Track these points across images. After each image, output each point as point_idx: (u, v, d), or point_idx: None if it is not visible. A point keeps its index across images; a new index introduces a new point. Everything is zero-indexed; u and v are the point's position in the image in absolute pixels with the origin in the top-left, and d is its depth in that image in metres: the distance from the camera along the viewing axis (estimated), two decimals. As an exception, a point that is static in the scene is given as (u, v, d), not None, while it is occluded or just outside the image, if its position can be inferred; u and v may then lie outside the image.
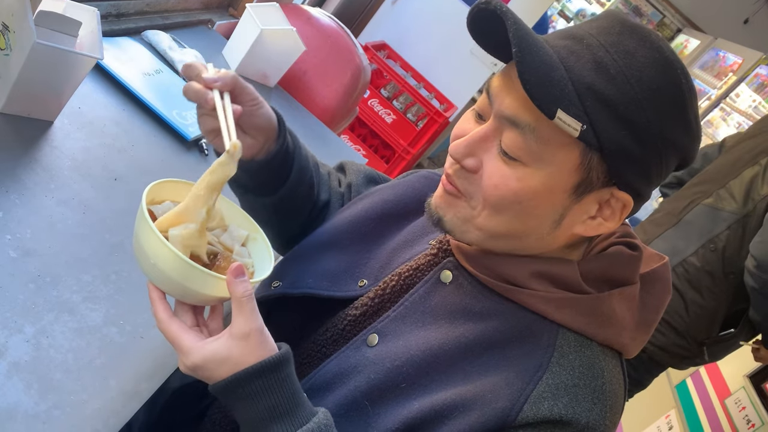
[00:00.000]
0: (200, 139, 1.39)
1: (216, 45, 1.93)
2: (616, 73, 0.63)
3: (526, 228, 0.71)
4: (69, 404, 0.76)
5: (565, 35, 0.68)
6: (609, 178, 0.67)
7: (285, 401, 0.65)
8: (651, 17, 5.80)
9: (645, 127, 0.64)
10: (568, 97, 0.62)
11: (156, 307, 0.69)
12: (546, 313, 0.71)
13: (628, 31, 0.66)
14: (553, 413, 0.66)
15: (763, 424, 2.06)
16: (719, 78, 4.28)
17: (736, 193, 1.89)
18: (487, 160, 0.69)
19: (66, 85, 1.04)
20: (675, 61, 0.65)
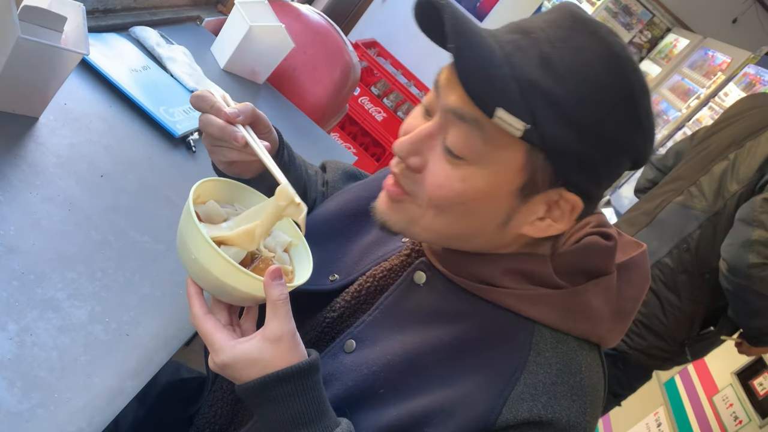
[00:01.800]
0: (187, 136, 1.38)
1: (204, 42, 1.92)
2: (563, 70, 0.61)
3: (472, 229, 0.70)
4: (53, 402, 0.75)
5: (514, 29, 0.65)
6: (556, 179, 0.65)
7: (311, 408, 0.65)
8: (641, 16, 5.82)
9: (592, 127, 0.62)
10: (510, 95, 0.59)
11: (192, 302, 0.70)
12: (520, 310, 0.70)
13: (579, 25, 0.63)
14: (532, 414, 0.65)
15: (750, 420, 2.07)
16: (708, 77, 4.30)
17: (706, 190, 1.85)
18: (431, 158, 0.68)
19: (51, 81, 1.03)
20: (625, 58, 0.62)
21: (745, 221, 1.67)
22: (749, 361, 2.24)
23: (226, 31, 1.86)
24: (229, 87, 1.75)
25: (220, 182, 0.79)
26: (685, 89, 4.60)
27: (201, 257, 0.67)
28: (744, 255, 1.62)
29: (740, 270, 1.63)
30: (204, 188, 0.75)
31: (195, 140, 1.38)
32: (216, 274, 0.67)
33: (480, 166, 0.65)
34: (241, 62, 1.87)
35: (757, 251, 1.61)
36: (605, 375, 0.76)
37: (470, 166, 0.65)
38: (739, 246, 1.64)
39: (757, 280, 1.61)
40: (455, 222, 0.69)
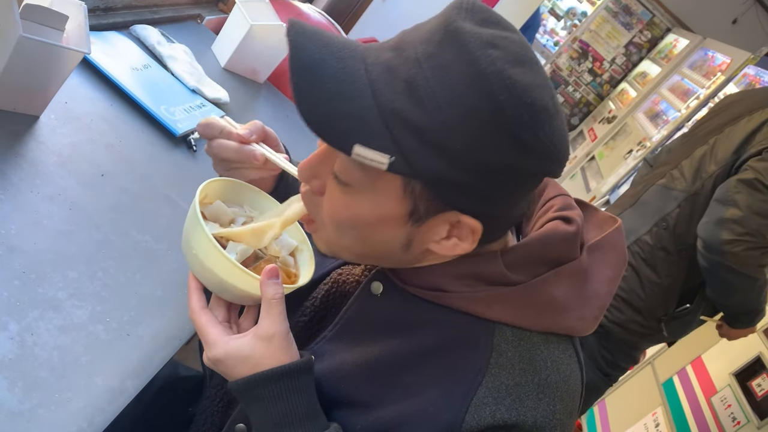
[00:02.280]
0: (188, 135, 1.38)
1: (205, 40, 1.92)
2: (425, 94, 0.56)
3: (377, 251, 0.68)
4: (54, 402, 0.75)
5: (394, 44, 0.61)
6: (443, 205, 0.61)
7: (298, 409, 0.65)
8: (641, 16, 5.83)
9: (463, 153, 0.56)
10: (369, 128, 0.56)
11: (191, 296, 0.70)
12: (478, 312, 0.68)
13: (449, 39, 0.57)
14: (495, 419, 0.63)
15: (748, 421, 2.08)
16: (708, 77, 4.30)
17: (686, 172, 1.93)
18: (327, 182, 0.67)
19: (52, 80, 1.03)
20: (493, 74, 0.55)
21: (720, 201, 1.74)
22: (748, 361, 2.25)
23: (227, 29, 1.86)
24: (230, 86, 1.75)
25: (229, 182, 0.80)
26: (685, 89, 4.60)
27: (202, 253, 0.68)
28: (717, 232, 1.69)
29: (714, 246, 1.70)
30: (211, 188, 0.76)
31: (196, 139, 1.38)
32: (215, 270, 0.68)
33: (364, 194, 0.63)
34: (242, 61, 1.87)
35: (729, 228, 1.68)
36: (581, 366, 0.73)
37: (356, 193, 0.63)
38: (714, 224, 1.72)
39: (729, 256, 1.68)
40: (357, 244, 0.68)
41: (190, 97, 1.53)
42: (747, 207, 1.68)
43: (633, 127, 4.96)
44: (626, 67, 6.02)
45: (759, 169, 1.71)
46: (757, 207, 1.67)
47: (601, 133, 5.46)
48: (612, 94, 6.03)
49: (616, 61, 6.03)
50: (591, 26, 6.13)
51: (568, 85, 6.31)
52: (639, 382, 2.76)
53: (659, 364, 2.72)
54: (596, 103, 6.24)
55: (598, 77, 6.15)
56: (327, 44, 0.60)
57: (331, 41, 0.61)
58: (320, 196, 0.68)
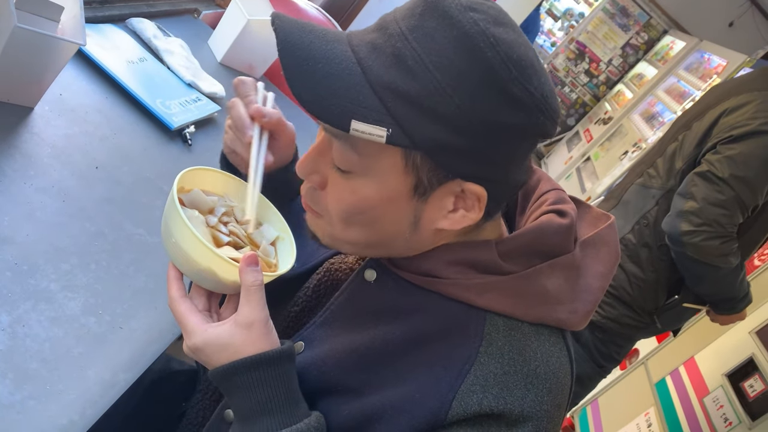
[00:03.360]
0: (183, 128, 1.37)
1: (202, 34, 1.91)
2: (414, 63, 0.57)
3: (384, 235, 0.68)
4: (45, 394, 0.74)
5: (375, 26, 0.63)
6: (445, 174, 0.62)
7: (279, 397, 0.65)
8: (638, 18, 5.84)
9: (458, 115, 0.58)
10: (363, 104, 0.57)
11: (170, 285, 0.70)
12: (470, 300, 0.68)
13: (430, 9, 0.59)
14: (482, 407, 0.63)
15: (740, 422, 2.08)
16: (704, 80, 4.32)
17: (661, 169, 1.99)
18: (328, 174, 0.67)
19: (47, 71, 1.03)
20: (477, 34, 0.57)
21: (680, 194, 1.82)
22: (740, 362, 2.25)
23: (224, 24, 1.85)
24: (226, 81, 1.74)
25: (208, 171, 0.78)
26: (681, 91, 4.62)
27: (181, 241, 0.67)
28: (677, 224, 1.77)
29: (675, 238, 1.77)
30: (190, 176, 0.75)
31: (191, 133, 1.38)
32: (194, 257, 0.67)
33: (367, 176, 0.64)
34: (238, 56, 1.86)
35: (688, 220, 1.74)
36: (571, 360, 0.73)
37: (358, 177, 0.64)
38: (674, 216, 1.79)
39: (690, 247, 1.74)
40: (364, 231, 0.68)
41: (186, 91, 1.52)
42: (702, 199, 1.74)
43: (629, 128, 4.97)
44: (623, 69, 6.03)
45: (712, 162, 1.77)
46: (712, 198, 1.73)
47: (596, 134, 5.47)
48: (608, 96, 6.04)
49: (612, 63, 6.05)
50: (588, 27, 6.14)
51: (565, 85, 6.32)
52: (632, 382, 2.76)
53: (652, 364, 2.72)
54: (592, 104, 6.25)
55: (595, 78, 6.17)
56: (311, 30, 0.62)
57: (314, 28, 0.62)
58: (322, 191, 0.69)
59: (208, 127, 1.50)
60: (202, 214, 0.74)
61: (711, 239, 1.73)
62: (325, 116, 0.58)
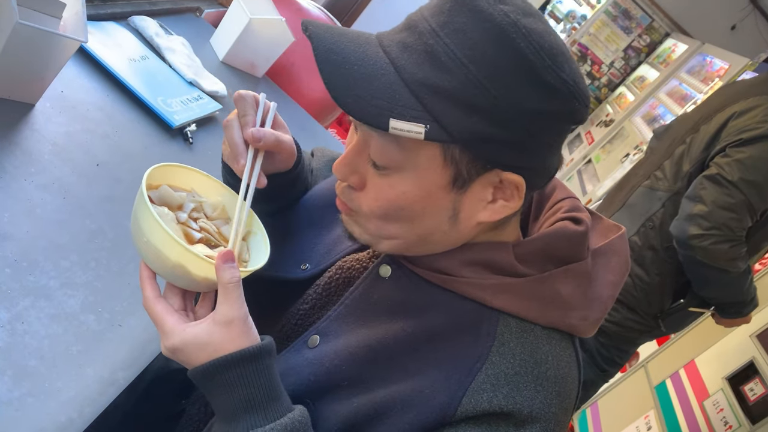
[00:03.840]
0: (185, 127, 1.37)
1: (204, 33, 1.91)
2: (447, 59, 0.59)
3: (424, 230, 0.69)
4: (43, 392, 0.74)
5: (403, 26, 0.64)
6: (484, 165, 0.63)
7: (261, 393, 0.64)
8: (640, 20, 5.83)
9: (494, 106, 0.59)
10: (400, 102, 0.59)
11: (144, 285, 0.68)
12: (484, 300, 0.69)
13: (459, 5, 0.60)
14: (492, 405, 0.63)
15: (740, 426, 2.08)
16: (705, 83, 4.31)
17: (668, 172, 1.99)
18: (366, 174, 0.68)
19: (48, 68, 1.02)
20: (508, 25, 0.58)
21: (689, 197, 1.81)
22: (740, 366, 2.25)
23: (226, 23, 1.85)
24: (228, 80, 1.74)
25: (176, 167, 0.77)
26: (683, 94, 4.61)
27: (153, 239, 0.66)
28: (686, 228, 1.75)
29: (683, 242, 1.76)
30: (159, 172, 0.74)
31: (192, 131, 1.38)
32: (168, 256, 0.66)
33: (405, 171, 0.65)
34: (240, 55, 1.86)
35: (697, 223, 1.73)
36: (579, 366, 0.74)
37: (396, 173, 0.65)
38: (683, 220, 1.78)
39: (698, 251, 1.73)
40: (405, 228, 0.69)
41: (188, 89, 1.52)
42: (712, 202, 1.73)
43: (630, 130, 4.96)
44: (625, 71, 6.02)
45: (722, 165, 1.76)
46: (722, 201, 1.72)
47: (598, 136, 5.46)
48: (610, 98, 6.04)
49: (614, 65, 6.04)
50: (590, 30, 6.14)
51: (567, 87, 6.30)
52: (632, 385, 2.76)
53: (652, 367, 2.72)
54: (594, 107, 6.25)
55: (597, 80, 6.16)
56: (342, 33, 0.63)
57: (345, 32, 0.64)
58: (359, 191, 0.70)
59: (210, 125, 1.50)
60: (171, 211, 0.73)
61: (720, 243, 1.72)
62: (364, 117, 0.59)
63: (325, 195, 0.93)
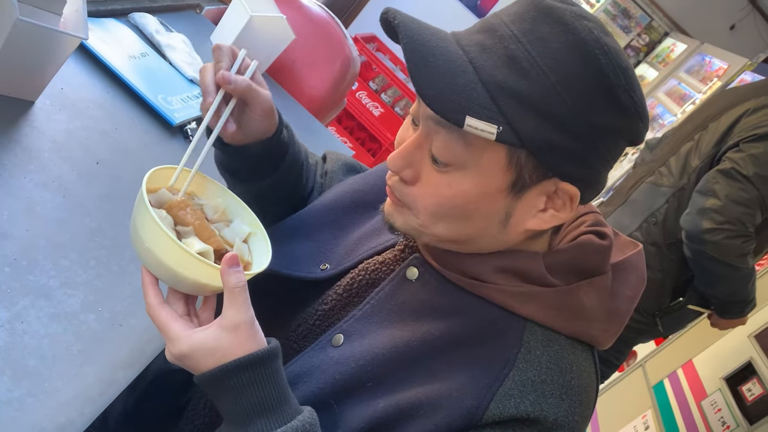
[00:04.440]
0: (185, 124, 1.36)
1: (204, 30, 1.90)
2: (528, 65, 0.60)
3: (474, 230, 0.69)
4: (43, 392, 0.74)
5: (481, 28, 0.65)
6: (545, 173, 0.65)
7: (271, 397, 0.64)
8: (639, 20, 5.83)
9: (568, 117, 0.61)
10: (477, 101, 0.59)
11: (147, 291, 0.68)
12: (512, 307, 0.70)
13: (543, 14, 0.62)
14: (519, 411, 0.64)
15: (738, 426, 2.08)
16: (704, 83, 4.31)
17: (674, 168, 1.99)
18: (422, 169, 0.68)
19: (48, 65, 1.02)
20: (592, 41, 0.60)
21: (701, 192, 1.80)
22: (738, 366, 2.25)
23: (226, 20, 1.84)
24: (228, 77, 1.73)
25: (173, 170, 0.76)
26: (681, 94, 4.61)
27: (155, 246, 0.65)
28: (698, 222, 1.75)
29: (695, 236, 1.75)
30: (157, 176, 0.73)
31: (192, 129, 1.37)
32: (171, 263, 0.65)
33: (466, 170, 0.65)
34: (240, 52, 1.85)
35: (710, 218, 1.73)
36: (597, 377, 0.75)
37: (457, 171, 0.65)
38: (695, 214, 1.77)
39: (710, 245, 1.73)
40: (455, 226, 0.69)
41: (188, 86, 1.51)
42: (725, 196, 1.73)
43: (629, 130, 4.96)
44: (623, 70, 6.02)
45: (736, 160, 1.76)
46: (735, 196, 1.72)
47: (597, 135, 5.46)
48: (609, 97, 6.04)
49: (613, 64, 6.04)
50: (589, 28, 6.13)
51: (565, 86, 6.31)
52: (630, 384, 2.76)
53: (650, 367, 2.72)
54: (593, 106, 6.24)
55: (596, 79, 6.16)
56: (426, 27, 0.64)
57: (426, 25, 0.64)
58: (411, 186, 0.69)
59: (210, 123, 1.49)
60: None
61: (733, 238, 1.71)
62: (444, 111, 0.59)
63: (341, 198, 0.92)
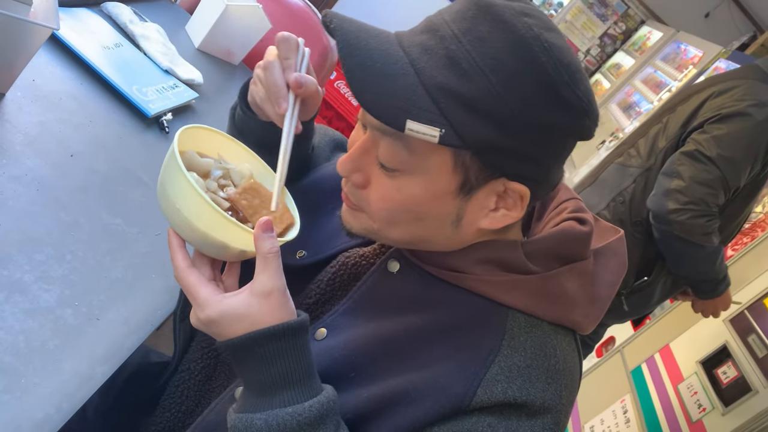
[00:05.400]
0: (161, 116, 1.35)
1: (179, 20, 1.88)
2: (468, 66, 0.59)
3: (427, 232, 0.70)
4: (19, 388, 0.73)
5: (425, 27, 0.64)
6: (492, 173, 0.64)
7: (299, 368, 0.64)
8: (616, 8, 5.87)
9: (510, 117, 0.60)
10: (418, 104, 0.59)
11: (175, 254, 0.67)
12: (494, 296, 0.70)
13: (483, 13, 0.61)
14: (507, 396, 0.65)
15: (713, 408, 2.12)
16: (680, 70, 4.35)
17: (642, 149, 2.02)
18: (371, 173, 0.68)
19: (19, 56, 1.00)
20: (532, 39, 0.59)
21: (666, 173, 1.83)
22: (714, 350, 2.29)
23: (202, 9, 1.82)
24: (204, 67, 1.71)
25: (202, 130, 0.73)
26: (657, 81, 4.65)
27: (187, 207, 0.63)
28: (664, 202, 1.78)
29: (662, 216, 1.78)
30: (187, 135, 0.70)
31: (168, 121, 1.35)
32: (202, 225, 0.63)
33: (414, 174, 0.65)
34: (217, 42, 1.83)
35: (675, 198, 1.76)
36: (581, 361, 0.76)
37: (405, 175, 0.65)
38: (661, 195, 1.80)
39: (676, 225, 1.76)
40: (409, 229, 0.70)
41: (163, 77, 1.49)
42: (690, 177, 1.75)
43: (606, 117, 5.00)
44: (601, 59, 6.06)
45: (700, 141, 1.79)
46: (699, 177, 1.75)
47: (574, 123, 5.50)
48: (586, 85, 6.07)
49: (590, 52, 6.07)
50: (567, 17, 6.16)
51: (543, 75, 6.32)
52: (608, 369, 2.80)
53: (628, 352, 2.76)
54: (570, 94, 6.27)
55: (573, 68, 6.19)
56: (365, 29, 0.63)
57: (366, 27, 0.63)
58: (363, 190, 0.69)
59: (186, 114, 1.48)
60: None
61: (697, 217, 1.74)
62: (382, 116, 0.59)
63: (326, 180, 0.91)
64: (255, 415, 0.62)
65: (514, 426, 0.65)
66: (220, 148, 0.76)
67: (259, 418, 0.62)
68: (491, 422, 0.64)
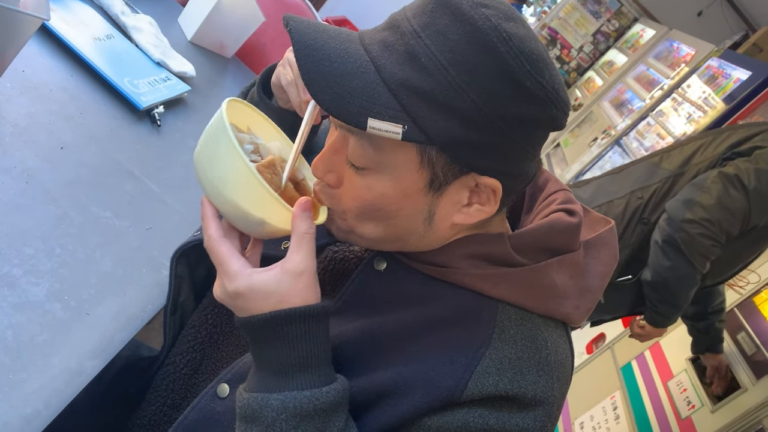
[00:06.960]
0: (152, 109, 1.34)
1: (171, 12, 1.86)
2: (428, 61, 0.58)
3: (400, 230, 0.69)
4: (7, 383, 0.72)
5: (386, 24, 0.64)
6: (460, 168, 0.64)
7: (318, 353, 0.64)
8: (609, 5, 5.88)
9: (473, 110, 0.59)
10: (378, 102, 0.58)
11: (208, 224, 0.66)
12: (483, 290, 0.70)
13: (441, 6, 0.60)
14: (498, 388, 0.65)
15: (702, 405, 2.13)
16: (672, 68, 4.36)
17: (677, 157, 2.02)
18: (343, 173, 0.68)
19: (8, 47, 0.98)
20: (490, 30, 0.58)
21: (696, 185, 1.83)
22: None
23: (194, 1, 1.81)
24: (196, 60, 1.70)
25: (236, 102, 0.73)
26: (650, 79, 4.67)
27: (231, 178, 0.63)
28: (683, 210, 1.78)
29: (675, 221, 1.78)
30: (231, 107, 0.70)
31: (160, 113, 1.34)
32: (243, 198, 0.63)
33: (382, 172, 0.64)
34: (209, 35, 1.82)
35: (694, 210, 1.76)
36: (572, 353, 0.76)
37: (374, 174, 0.65)
38: (682, 202, 1.80)
39: (683, 235, 1.75)
40: (381, 227, 0.69)
41: (155, 70, 1.48)
42: (717, 198, 1.74)
43: (598, 115, 5.02)
44: (593, 56, 6.07)
45: (742, 168, 1.78)
46: (726, 201, 1.74)
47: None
48: (579, 82, 6.09)
49: (583, 50, 6.09)
50: (560, 14, 6.16)
51: (536, 71, 6.33)
52: (598, 366, 2.81)
53: (618, 349, 2.77)
54: (563, 91, 6.28)
55: (566, 65, 6.20)
56: (324, 31, 0.62)
57: (326, 28, 0.63)
58: (336, 189, 0.69)
59: (178, 107, 1.46)
60: None
61: (706, 237, 1.74)
62: (342, 115, 0.59)
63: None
64: (272, 395, 0.62)
65: (506, 418, 0.65)
66: (250, 122, 0.76)
67: (276, 399, 0.61)
68: (482, 414, 0.64)
